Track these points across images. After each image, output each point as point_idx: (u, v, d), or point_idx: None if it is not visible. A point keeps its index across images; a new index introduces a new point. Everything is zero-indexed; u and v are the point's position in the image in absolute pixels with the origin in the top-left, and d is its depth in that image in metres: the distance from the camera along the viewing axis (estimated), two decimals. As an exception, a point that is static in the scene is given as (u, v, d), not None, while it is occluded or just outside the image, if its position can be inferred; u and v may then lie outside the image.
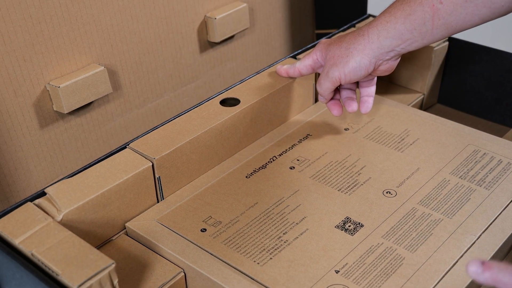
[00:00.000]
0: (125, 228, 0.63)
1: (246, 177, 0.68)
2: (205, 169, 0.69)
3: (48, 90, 0.69)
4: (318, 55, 0.70)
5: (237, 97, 0.72)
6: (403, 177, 0.67)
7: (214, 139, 0.68)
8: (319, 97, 0.72)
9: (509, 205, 0.63)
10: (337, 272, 0.56)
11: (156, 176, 0.63)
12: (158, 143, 0.65)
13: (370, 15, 0.95)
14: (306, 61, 0.72)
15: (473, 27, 0.60)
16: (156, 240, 0.60)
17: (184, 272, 0.58)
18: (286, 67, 0.75)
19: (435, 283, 0.54)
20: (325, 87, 0.69)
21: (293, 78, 0.76)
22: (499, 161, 0.69)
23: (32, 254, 0.51)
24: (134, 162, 0.62)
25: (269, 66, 0.78)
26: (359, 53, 0.64)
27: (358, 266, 0.56)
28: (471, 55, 0.86)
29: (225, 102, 0.72)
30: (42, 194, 0.59)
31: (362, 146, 0.73)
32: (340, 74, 0.66)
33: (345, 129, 0.76)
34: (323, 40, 0.71)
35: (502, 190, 0.65)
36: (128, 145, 0.65)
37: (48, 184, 0.62)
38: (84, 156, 0.76)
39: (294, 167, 0.69)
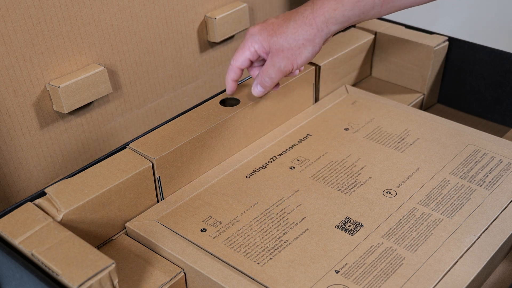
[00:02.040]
0: (125, 228, 0.63)
1: (246, 177, 0.68)
2: (205, 169, 0.69)
3: (48, 90, 0.68)
4: (256, 47, 0.66)
5: (237, 97, 0.72)
6: (403, 177, 0.67)
7: (214, 139, 0.68)
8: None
9: (509, 205, 0.63)
10: (337, 272, 0.56)
11: (156, 176, 0.63)
12: (158, 143, 0.64)
13: (370, 15, 0.95)
14: (244, 56, 0.67)
15: (419, 5, 0.63)
16: (156, 240, 0.60)
17: (184, 272, 0.58)
18: (228, 78, 0.70)
19: (435, 283, 0.54)
20: (276, 79, 0.67)
21: (292, 77, 0.76)
22: (499, 161, 0.69)
23: (32, 254, 0.51)
24: (134, 162, 0.62)
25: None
26: (311, 43, 0.64)
27: (358, 266, 0.56)
28: (471, 55, 0.86)
29: (225, 102, 0.72)
30: (42, 194, 0.59)
31: (362, 146, 0.73)
32: (293, 66, 0.65)
33: (345, 129, 0.76)
34: (254, 30, 0.66)
35: (502, 190, 0.65)
36: (128, 145, 0.65)
37: (48, 184, 0.62)
38: (84, 156, 0.76)
39: (294, 167, 0.69)
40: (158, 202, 0.65)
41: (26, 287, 0.53)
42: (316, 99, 0.83)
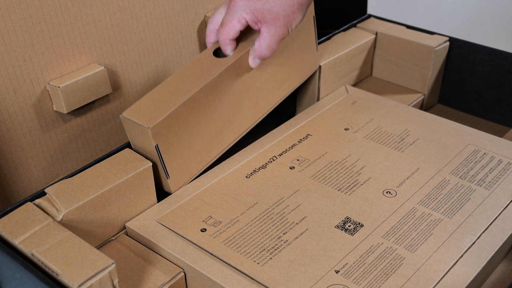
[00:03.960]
0: (125, 228, 0.63)
1: (246, 177, 0.68)
2: (205, 128, 0.66)
3: (48, 90, 0.69)
4: (247, 18, 0.63)
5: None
6: (403, 177, 0.67)
7: (211, 96, 0.65)
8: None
9: (509, 205, 0.63)
10: (337, 272, 0.56)
11: (154, 144, 0.61)
12: (152, 109, 0.61)
13: (370, 15, 0.95)
14: (235, 29, 0.64)
15: None
16: (156, 240, 0.60)
17: (184, 272, 0.58)
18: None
19: (435, 283, 0.54)
20: (276, 48, 0.65)
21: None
22: (499, 161, 0.69)
23: (32, 254, 0.51)
24: (134, 162, 0.62)
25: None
26: (303, 6, 0.63)
27: (358, 266, 0.56)
28: (471, 55, 0.86)
29: (219, 53, 0.68)
30: (42, 194, 0.59)
31: (362, 146, 0.73)
32: (288, 31, 0.65)
33: (345, 129, 0.76)
34: (241, 1, 0.63)
35: (502, 190, 0.65)
36: (122, 115, 0.62)
37: (48, 184, 0.62)
38: (84, 156, 0.76)
39: (294, 167, 0.69)
40: (166, 175, 0.64)
41: (26, 287, 0.53)
42: (317, 98, 0.83)
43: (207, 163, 0.69)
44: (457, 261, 0.57)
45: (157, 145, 0.61)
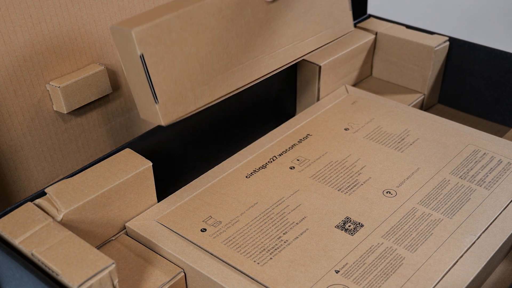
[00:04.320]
0: (125, 228, 0.63)
1: (246, 177, 0.68)
2: (205, 55, 0.59)
3: (48, 90, 0.69)
4: None
5: None
6: (403, 177, 0.67)
7: (213, 18, 0.58)
8: None
9: (509, 205, 0.63)
10: (337, 272, 0.56)
11: (138, 53, 0.54)
12: (142, 19, 0.55)
13: (370, 15, 0.95)
14: None
15: None
16: (156, 240, 0.60)
17: (184, 272, 0.58)
18: None
19: (435, 283, 0.55)
20: None
21: None
22: (499, 161, 0.69)
23: (32, 254, 0.51)
24: (134, 162, 0.62)
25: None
26: None
27: (358, 266, 0.56)
28: (471, 55, 0.86)
29: None
30: (42, 194, 0.59)
31: (362, 146, 0.73)
32: None
33: (345, 129, 0.76)
34: None
35: (502, 190, 0.65)
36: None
37: (48, 184, 0.62)
38: (84, 156, 0.76)
39: (294, 167, 0.69)
40: (154, 99, 0.57)
41: (26, 287, 0.53)
42: (317, 99, 0.83)
43: (209, 101, 0.61)
44: (457, 261, 0.57)
45: (142, 55, 0.54)
